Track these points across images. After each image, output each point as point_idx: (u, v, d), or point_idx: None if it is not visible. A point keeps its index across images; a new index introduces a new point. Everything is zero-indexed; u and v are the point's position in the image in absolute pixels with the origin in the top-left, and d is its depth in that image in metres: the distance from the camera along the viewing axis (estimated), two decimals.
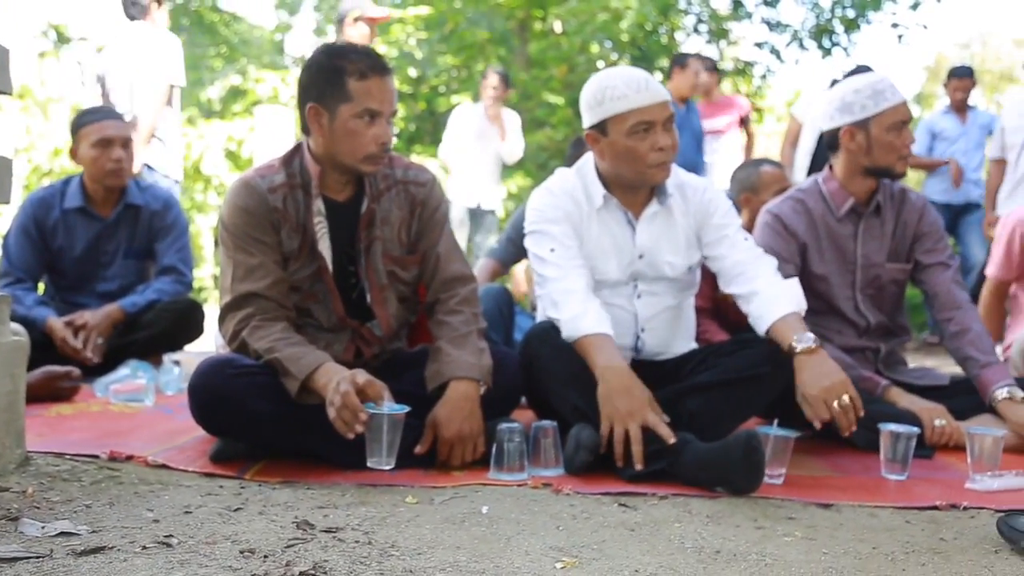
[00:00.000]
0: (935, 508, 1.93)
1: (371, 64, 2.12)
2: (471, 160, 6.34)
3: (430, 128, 9.95)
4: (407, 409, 2.00)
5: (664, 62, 10.98)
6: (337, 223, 2.25)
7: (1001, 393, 2.54)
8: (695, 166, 5.56)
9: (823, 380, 2.12)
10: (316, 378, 2.01)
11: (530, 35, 10.84)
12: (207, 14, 11.81)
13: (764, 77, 11.70)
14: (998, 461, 2.18)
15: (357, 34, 4.97)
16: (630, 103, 2.29)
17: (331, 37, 10.92)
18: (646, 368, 2.41)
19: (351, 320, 2.28)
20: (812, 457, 2.36)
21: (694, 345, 2.62)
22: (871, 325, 2.80)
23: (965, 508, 1.93)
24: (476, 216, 6.37)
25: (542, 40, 10.44)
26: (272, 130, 6.64)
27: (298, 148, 2.27)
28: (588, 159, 2.50)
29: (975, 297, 6.08)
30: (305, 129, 2.21)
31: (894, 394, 2.62)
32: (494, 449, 2.06)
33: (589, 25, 9.23)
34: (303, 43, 12.36)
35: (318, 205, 2.22)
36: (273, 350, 2.07)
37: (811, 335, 2.19)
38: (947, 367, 3.92)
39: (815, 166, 5.54)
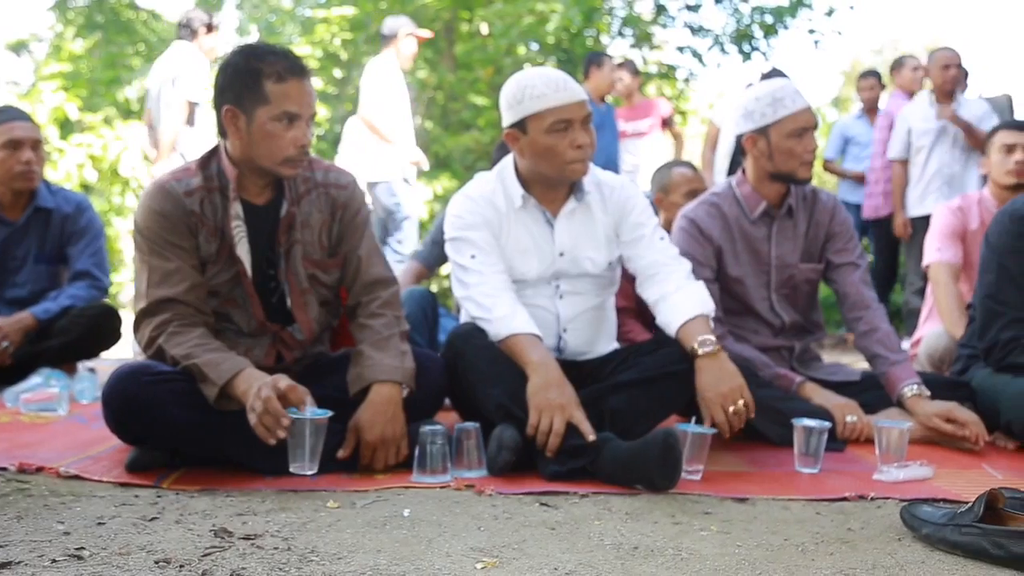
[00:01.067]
0: (844, 499, 2.00)
1: (289, 66, 2.11)
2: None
3: None
4: (330, 413, 1.99)
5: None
6: (256, 227, 2.23)
7: (910, 390, 2.64)
8: (613, 165, 5.64)
9: (721, 384, 2.21)
10: (236, 384, 1.99)
11: (456, 37, 10.84)
12: (124, 11, 11.51)
13: (687, 81, 11.90)
14: (904, 453, 2.27)
15: (408, 48, 5.62)
16: (549, 102, 2.32)
17: (254, 36, 10.76)
18: (569, 368, 2.45)
19: (271, 324, 2.25)
20: (729, 452, 2.43)
21: (616, 345, 2.66)
22: (786, 324, 2.88)
23: (872, 499, 2.01)
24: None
25: (468, 42, 10.44)
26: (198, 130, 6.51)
27: (215, 151, 2.24)
28: (508, 161, 2.53)
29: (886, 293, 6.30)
30: (222, 132, 2.18)
31: (808, 390, 2.70)
32: (417, 452, 2.06)
33: (515, 28, 9.27)
34: (225, 43, 12.13)
35: (236, 209, 2.20)
36: (191, 356, 2.04)
37: (712, 338, 2.26)
38: (862, 363, 4.06)
39: (733, 169, 5.68)
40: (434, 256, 3.65)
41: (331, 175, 2.33)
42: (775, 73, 4.97)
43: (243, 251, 2.20)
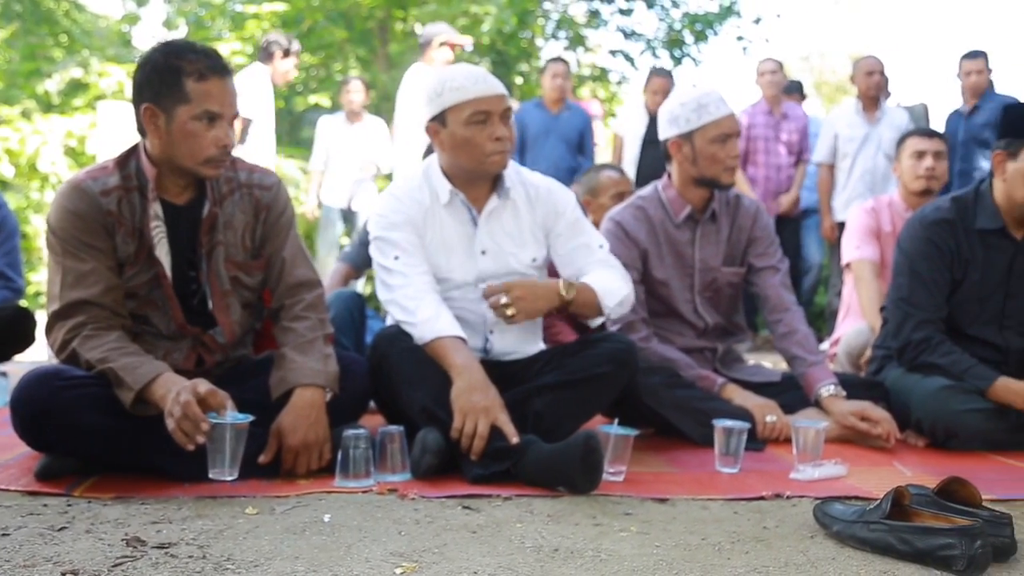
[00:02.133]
0: (762, 498, 2.04)
1: (210, 65, 2.07)
2: (339, 164, 6.53)
3: (288, 127, 9.73)
4: (251, 418, 1.96)
5: (524, 67, 11.16)
6: (177, 227, 2.18)
7: (827, 391, 2.72)
8: (568, 171, 5.60)
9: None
10: (154, 389, 1.95)
11: (390, 36, 10.77)
12: (44, 1, 11.15)
13: (620, 83, 12.04)
14: (820, 452, 2.33)
15: (441, 57, 5.53)
16: (468, 94, 2.33)
17: (182, 31, 10.52)
18: (495, 369, 2.45)
19: (192, 327, 2.21)
20: (652, 453, 2.46)
21: (542, 346, 2.68)
22: (709, 326, 2.94)
23: (788, 497, 2.06)
24: (349, 218, 6.43)
25: (402, 42, 10.39)
26: (116, 127, 6.40)
27: (134, 149, 2.19)
28: (434, 158, 2.53)
29: (811, 295, 6.44)
30: (141, 130, 2.14)
31: (730, 391, 2.76)
32: (339, 456, 2.04)
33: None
34: (152, 36, 11.86)
35: (156, 209, 2.15)
36: (107, 360, 1.99)
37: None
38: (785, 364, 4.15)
39: (640, 176, 5.77)
40: (362, 257, 3.61)
41: (255, 176, 2.30)
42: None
43: (163, 252, 2.16)
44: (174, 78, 2.05)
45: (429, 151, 3.66)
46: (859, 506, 1.77)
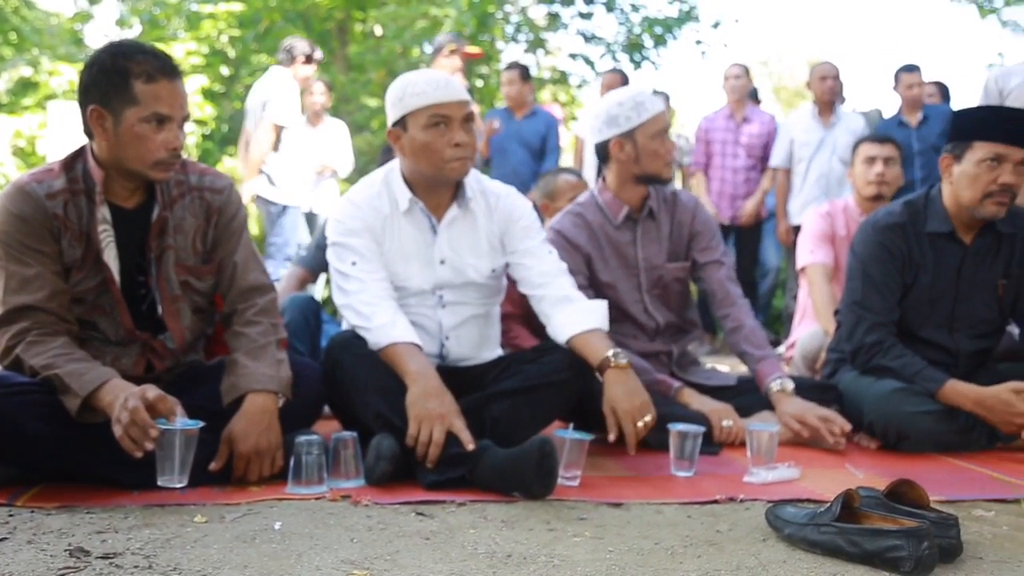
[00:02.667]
0: (715, 502, 2.05)
1: (159, 66, 2.03)
2: (300, 167, 6.41)
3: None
4: (201, 424, 1.93)
5: (483, 69, 11.15)
6: (125, 231, 2.14)
7: (774, 386, 2.75)
8: (529, 176, 5.59)
9: (634, 399, 2.25)
10: (101, 395, 1.91)
11: (350, 37, 10.71)
12: None
13: (580, 87, 12.09)
14: (774, 455, 2.34)
15: (450, 64, 5.52)
16: (428, 99, 2.32)
17: (136, 30, 10.36)
18: (451, 375, 2.44)
19: (141, 333, 2.17)
20: (607, 458, 2.46)
21: (500, 352, 2.67)
22: (661, 325, 2.93)
23: (742, 500, 2.07)
24: (309, 220, 6.37)
25: (362, 43, 10.34)
26: (67, 128, 6.29)
27: (81, 151, 2.15)
28: (395, 164, 2.51)
29: (769, 298, 6.50)
30: (88, 132, 2.09)
31: (686, 395, 2.77)
32: (292, 463, 2.02)
33: (408, 31, 9.23)
34: (105, 34, 11.64)
35: (103, 212, 2.11)
36: (52, 366, 1.94)
37: (624, 351, 2.31)
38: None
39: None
40: (319, 261, 3.58)
41: (206, 179, 2.26)
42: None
43: (110, 257, 2.12)
44: (122, 80, 2.01)
45: (387, 156, 3.65)
46: (810, 509, 1.79)
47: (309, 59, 5.81)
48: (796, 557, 1.67)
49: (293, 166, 6.54)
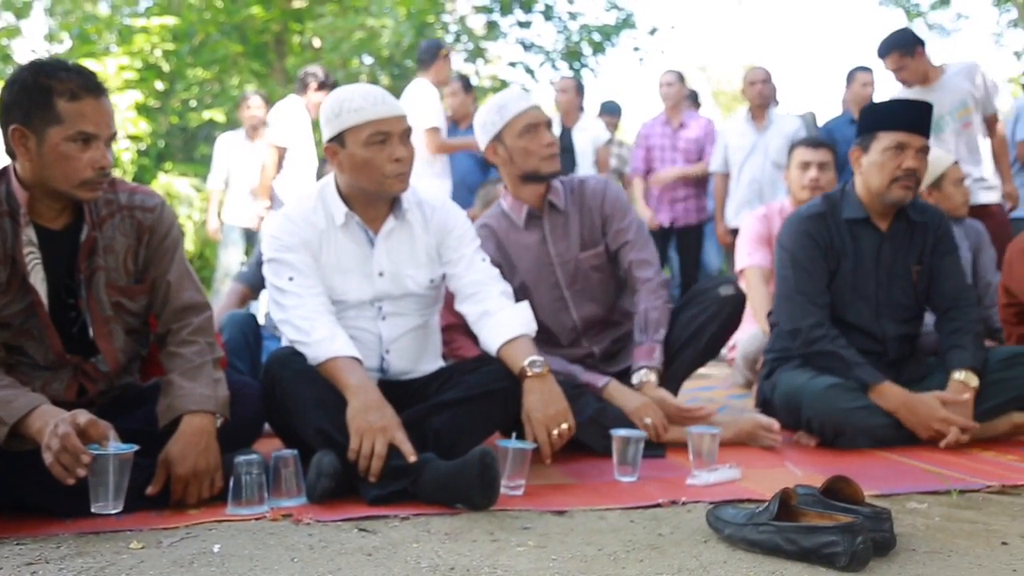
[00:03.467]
0: (658, 506, 2.07)
1: (83, 84, 1.99)
2: (240, 182, 6.45)
3: (181, 144, 9.47)
4: (135, 448, 1.89)
5: None
6: (53, 253, 2.09)
7: (637, 376, 2.72)
8: (476, 185, 5.57)
9: (549, 407, 2.26)
10: (30, 423, 1.86)
11: (287, 49, 10.62)
12: None
13: None
14: (715, 456, 2.37)
15: (446, 68, 5.62)
16: (367, 115, 2.31)
17: (67, 45, 10.13)
18: (393, 388, 2.43)
19: (72, 356, 2.12)
20: (552, 465, 2.45)
21: (441, 363, 2.66)
22: (587, 322, 2.89)
23: (684, 503, 2.09)
24: (251, 237, 6.30)
25: (299, 55, 10.24)
26: None
27: (4, 172, 2.09)
28: (330, 178, 2.49)
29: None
30: (10, 152, 2.04)
31: (611, 391, 2.69)
32: (232, 483, 1.99)
33: (346, 42, 9.17)
34: (33, 50, 11.34)
35: (29, 234, 2.06)
36: None
37: (541, 359, 2.30)
38: None
39: None
40: (259, 277, 3.54)
41: (136, 197, 2.22)
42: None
43: (37, 279, 2.07)
44: (44, 98, 1.96)
45: (324, 170, 3.63)
46: (750, 509, 1.82)
47: (321, 86, 5.84)
48: (736, 557, 1.69)
49: (234, 183, 6.48)
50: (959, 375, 2.76)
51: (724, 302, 2.82)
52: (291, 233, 2.40)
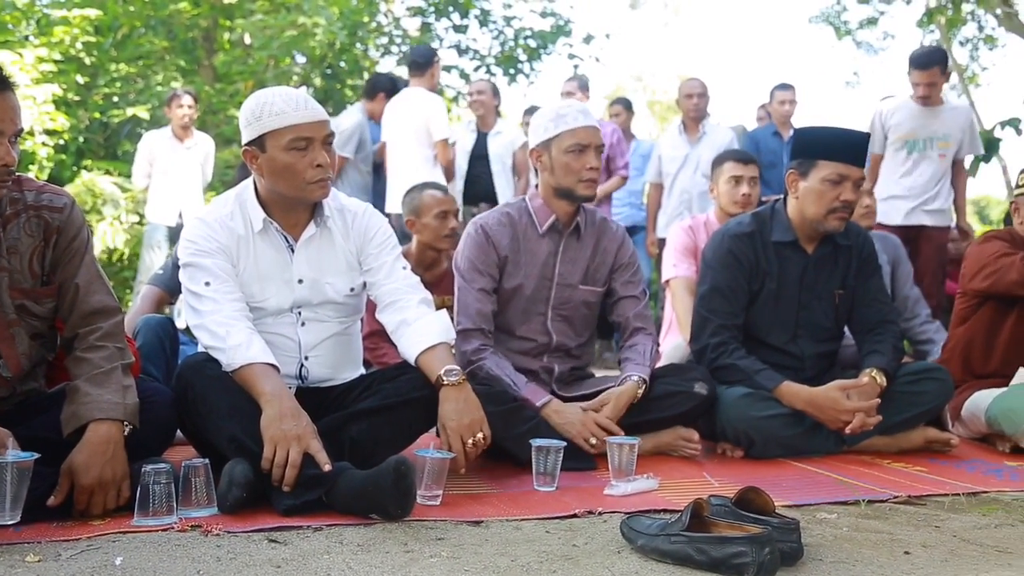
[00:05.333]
0: (574, 516, 2.07)
1: None
2: (167, 181, 6.34)
3: (103, 140, 9.19)
4: (35, 456, 1.82)
5: (356, 80, 11.03)
6: None
7: (626, 378, 2.76)
8: None
9: (464, 416, 2.24)
10: None
11: (217, 46, 10.41)
12: None
13: (455, 100, 12.12)
14: (633, 467, 2.39)
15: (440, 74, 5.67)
16: (288, 119, 2.27)
17: None
18: (312, 396, 2.40)
19: None
20: (472, 474, 2.44)
21: (362, 371, 2.63)
22: (554, 344, 2.90)
23: (600, 513, 2.10)
24: (176, 234, 6.17)
25: (229, 53, 10.05)
26: None
27: None
28: (248, 183, 2.44)
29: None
30: None
31: (550, 410, 2.68)
32: (139, 493, 1.93)
33: (277, 40, 9.03)
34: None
35: None
36: None
37: (457, 368, 2.29)
38: None
39: (468, 191, 5.82)
40: (176, 281, 3.44)
41: (44, 197, 2.14)
42: None
43: None
44: None
45: (245, 173, 3.55)
46: (663, 519, 1.83)
47: (390, 94, 5.69)
48: (648, 568, 1.70)
49: (160, 182, 6.34)
50: (869, 371, 2.83)
51: (698, 399, 2.79)
52: (208, 238, 2.35)
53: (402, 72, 11.14)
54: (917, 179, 4.99)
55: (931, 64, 4.86)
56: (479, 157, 5.85)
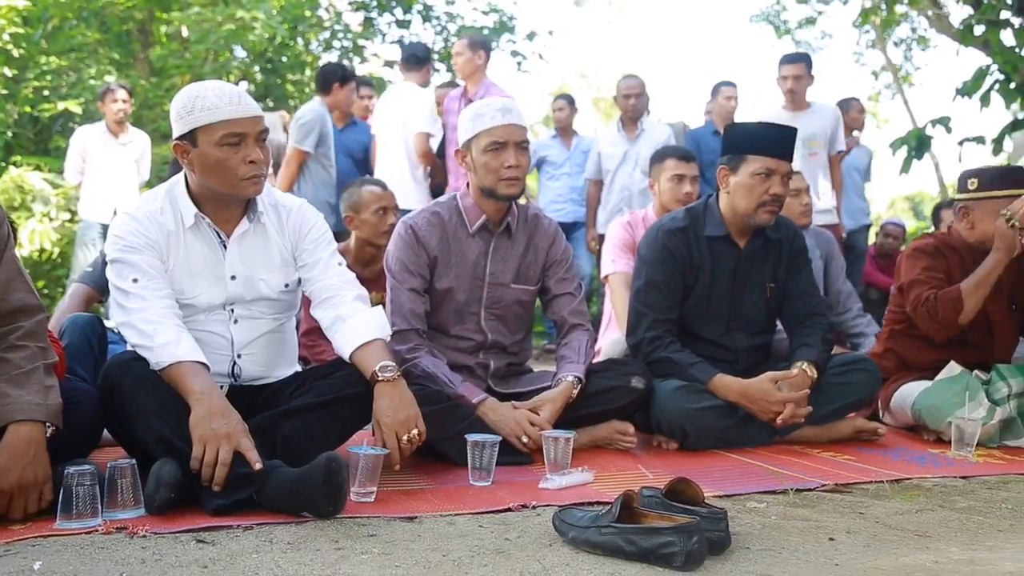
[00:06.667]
0: (508, 510, 2.08)
1: None
2: (101, 177, 6.20)
3: (33, 135, 8.94)
4: None
5: (298, 75, 10.90)
6: None
7: (561, 379, 2.76)
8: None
9: (399, 412, 2.22)
10: None
11: (153, 39, 10.19)
12: None
13: None
14: (568, 460, 2.40)
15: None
16: (221, 114, 2.23)
17: None
18: (245, 394, 2.37)
19: None
20: (407, 471, 2.43)
21: (297, 368, 2.60)
22: (488, 341, 2.89)
23: (534, 507, 2.11)
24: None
25: (165, 46, 9.84)
26: None
27: None
28: (179, 178, 2.40)
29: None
30: None
31: (485, 410, 2.66)
32: (61, 496, 1.88)
33: (215, 34, 8.86)
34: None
35: None
36: None
37: (393, 364, 2.27)
38: None
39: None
40: (105, 278, 3.37)
41: None
42: None
43: None
44: None
45: (177, 168, 3.49)
46: (595, 511, 1.85)
47: (344, 82, 5.54)
48: (579, 560, 1.72)
49: (94, 178, 6.19)
50: (799, 364, 2.89)
51: (635, 393, 2.82)
52: (136, 233, 2.30)
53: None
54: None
55: (798, 60, 5.44)
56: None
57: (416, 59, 5.53)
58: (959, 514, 2.13)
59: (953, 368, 3.11)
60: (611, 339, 3.89)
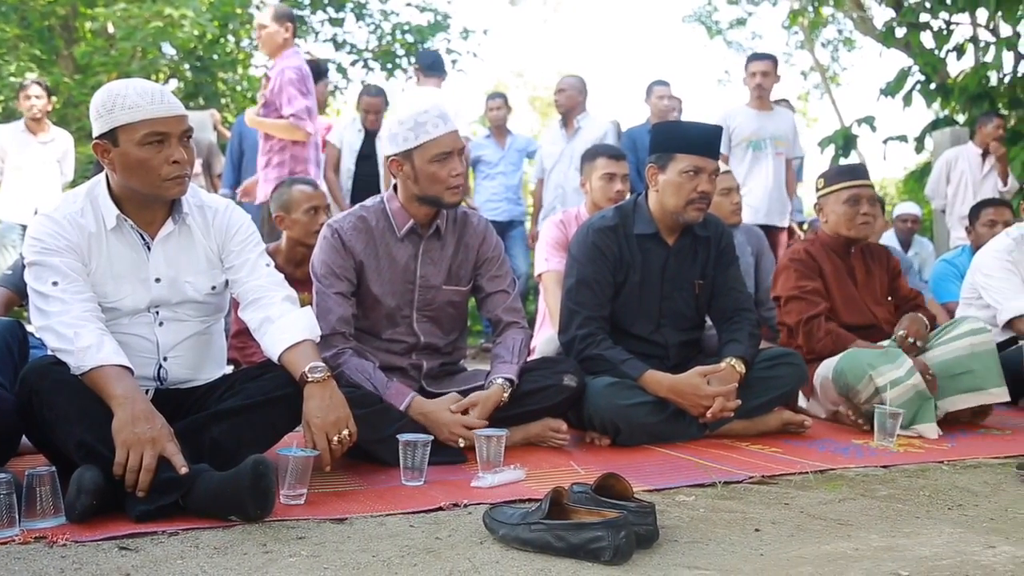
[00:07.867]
0: (440, 509, 2.08)
1: None
2: (20, 177, 6.06)
3: None
4: None
5: (229, 74, 10.74)
6: None
7: (494, 382, 2.73)
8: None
9: (329, 413, 2.21)
10: None
11: (77, 35, 9.93)
12: None
13: (333, 94, 11.94)
14: (501, 458, 2.41)
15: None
16: (143, 113, 2.18)
17: None
18: (172, 398, 2.32)
19: None
20: (339, 472, 2.40)
21: (225, 371, 2.56)
22: (421, 343, 2.87)
23: (466, 505, 2.11)
24: None
25: (91, 43, 9.60)
26: None
27: None
28: (100, 178, 2.34)
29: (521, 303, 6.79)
30: None
31: (416, 414, 2.64)
32: None
33: (142, 31, 8.67)
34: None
35: None
36: None
37: (323, 365, 2.25)
38: None
39: (355, 189, 5.78)
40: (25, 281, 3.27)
41: None
42: None
43: None
44: None
45: (99, 170, 3.41)
46: (525, 508, 1.86)
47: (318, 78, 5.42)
48: (509, 557, 1.73)
49: (12, 178, 6.01)
50: (727, 359, 2.95)
51: (568, 391, 2.82)
52: (56, 235, 2.23)
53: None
54: (763, 179, 5.46)
55: (766, 58, 5.68)
56: (366, 156, 5.86)
57: (439, 67, 5.88)
58: (879, 502, 2.19)
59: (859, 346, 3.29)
60: (545, 337, 3.91)
